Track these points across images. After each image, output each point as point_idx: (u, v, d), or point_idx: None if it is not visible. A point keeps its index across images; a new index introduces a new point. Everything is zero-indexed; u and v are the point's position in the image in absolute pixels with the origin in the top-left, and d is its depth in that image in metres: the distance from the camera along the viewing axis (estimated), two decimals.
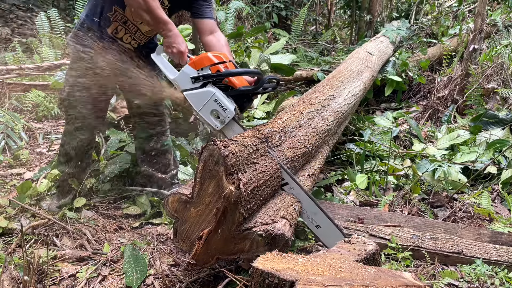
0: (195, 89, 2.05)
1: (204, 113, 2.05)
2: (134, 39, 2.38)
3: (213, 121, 2.05)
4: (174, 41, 2.13)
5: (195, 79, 2.05)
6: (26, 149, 3.70)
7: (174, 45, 2.13)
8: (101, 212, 2.69)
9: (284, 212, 1.83)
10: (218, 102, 2.02)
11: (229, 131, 2.08)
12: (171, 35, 2.12)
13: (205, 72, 2.04)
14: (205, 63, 2.05)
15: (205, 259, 1.78)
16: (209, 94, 2.02)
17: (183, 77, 2.08)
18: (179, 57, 2.16)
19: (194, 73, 2.05)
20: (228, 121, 2.04)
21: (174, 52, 2.15)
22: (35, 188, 2.81)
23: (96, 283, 1.98)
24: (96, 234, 2.43)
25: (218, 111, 2.02)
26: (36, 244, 2.29)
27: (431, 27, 6.30)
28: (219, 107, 2.02)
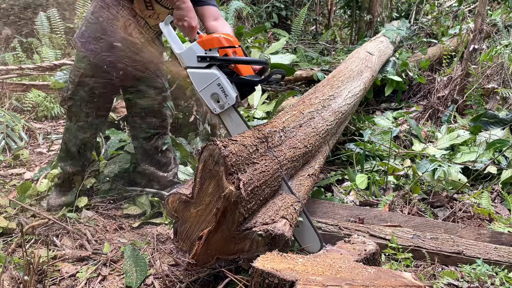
0: (199, 68, 2.00)
1: (205, 95, 2.01)
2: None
3: (212, 104, 2.02)
4: (186, 15, 2.05)
5: (202, 59, 1.99)
6: (26, 149, 3.70)
7: (186, 18, 2.05)
8: (101, 212, 2.70)
9: (284, 212, 1.83)
10: (221, 87, 1.98)
11: (226, 118, 2.06)
12: (184, 7, 2.04)
13: (212, 54, 1.98)
14: (214, 45, 1.99)
15: (205, 259, 1.78)
16: (213, 76, 1.98)
17: (189, 53, 2.02)
18: (189, 31, 2.08)
19: (201, 52, 1.99)
20: (228, 107, 2.01)
21: (185, 25, 2.07)
22: (35, 188, 2.81)
23: (96, 283, 1.98)
24: (96, 234, 2.43)
25: (219, 95, 1.99)
26: (36, 244, 2.29)
27: (431, 27, 6.30)
28: (221, 91, 1.98)
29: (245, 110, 4.13)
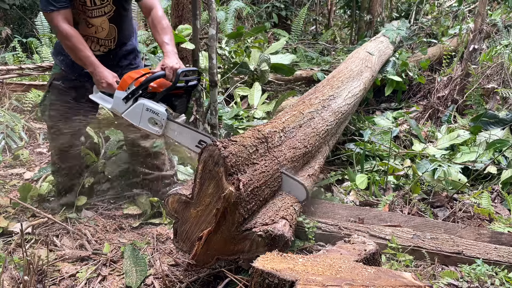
0: (129, 107, 2.20)
1: (144, 125, 2.18)
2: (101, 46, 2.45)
3: (153, 128, 2.18)
4: (101, 77, 2.26)
5: (126, 99, 2.20)
6: (26, 149, 3.70)
7: (102, 80, 2.26)
8: (101, 212, 2.70)
9: (284, 213, 1.83)
10: (150, 109, 2.15)
11: (170, 132, 2.18)
12: (96, 72, 2.26)
13: (131, 89, 2.19)
14: (128, 82, 2.19)
15: (205, 259, 1.79)
16: (140, 105, 2.17)
17: (117, 102, 2.23)
18: (109, 88, 2.28)
19: (123, 94, 2.20)
20: (165, 123, 2.15)
21: (104, 86, 2.28)
22: (36, 190, 2.81)
23: (96, 283, 1.98)
24: (96, 234, 2.43)
25: (154, 118, 2.16)
26: (36, 244, 2.29)
27: (431, 27, 6.30)
28: (153, 113, 2.15)
29: (245, 110, 4.13)
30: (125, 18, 2.46)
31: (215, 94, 3.10)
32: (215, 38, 3.13)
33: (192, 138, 2.15)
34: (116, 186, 2.90)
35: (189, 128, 2.18)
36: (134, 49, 2.60)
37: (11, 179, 3.18)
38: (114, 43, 2.48)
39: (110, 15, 2.36)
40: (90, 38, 2.40)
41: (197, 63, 3.35)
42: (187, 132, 2.16)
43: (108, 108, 2.30)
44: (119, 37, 2.47)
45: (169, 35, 2.38)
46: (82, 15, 2.31)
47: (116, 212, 2.71)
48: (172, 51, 2.30)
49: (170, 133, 2.18)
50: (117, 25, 2.42)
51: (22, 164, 3.46)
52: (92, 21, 2.34)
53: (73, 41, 2.22)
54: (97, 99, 2.35)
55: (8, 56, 5.50)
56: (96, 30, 2.38)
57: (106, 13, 2.35)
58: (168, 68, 2.21)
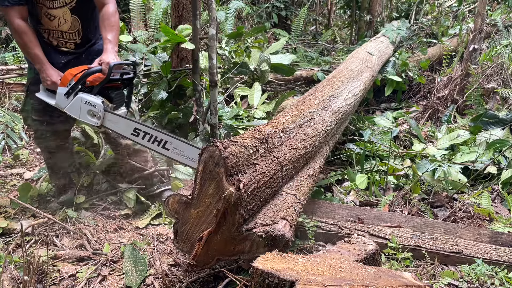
0: (70, 102, 2.32)
1: (84, 117, 2.30)
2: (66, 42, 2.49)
3: (92, 120, 2.29)
4: (46, 75, 2.35)
5: (68, 94, 2.31)
6: (26, 149, 3.71)
7: (47, 78, 2.35)
8: (101, 212, 2.70)
9: (284, 213, 1.83)
10: (88, 102, 2.28)
11: (107, 122, 2.29)
12: (43, 70, 2.35)
13: (71, 85, 2.30)
14: (69, 78, 2.30)
15: (205, 260, 1.79)
16: (79, 99, 2.29)
17: (59, 98, 2.34)
18: (54, 86, 2.36)
19: (64, 90, 2.32)
20: (103, 114, 2.26)
21: (48, 84, 2.37)
22: (35, 190, 2.81)
23: (96, 283, 1.98)
24: (96, 234, 2.43)
25: (92, 110, 2.28)
26: (36, 244, 2.29)
27: (431, 27, 6.30)
28: (90, 106, 2.27)
29: (245, 110, 4.13)
30: (88, 8, 2.46)
31: (215, 94, 3.10)
32: (215, 38, 3.13)
33: (127, 126, 2.27)
34: (112, 186, 2.91)
35: (124, 117, 2.29)
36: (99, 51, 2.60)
37: (11, 179, 3.18)
38: (79, 36, 2.49)
39: (71, 5, 2.38)
40: (54, 32, 2.43)
41: (197, 63, 3.35)
42: (122, 121, 2.28)
43: (52, 104, 2.39)
44: (83, 29, 2.48)
45: (114, 32, 2.43)
46: (43, 8, 2.34)
47: (116, 212, 2.71)
48: (111, 49, 2.37)
49: (108, 123, 2.30)
50: (80, 17, 2.43)
51: (22, 164, 3.46)
52: (53, 12, 2.36)
53: (24, 38, 2.30)
54: (42, 97, 2.44)
55: (8, 56, 5.50)
56: (58, 23, 2.40)
57: (67, 4, 2.37)
58: (104, 63, 2.29)
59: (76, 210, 2.63)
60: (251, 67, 4.40)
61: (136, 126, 2.25)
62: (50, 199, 2.78)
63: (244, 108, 4.25)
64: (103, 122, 2.30)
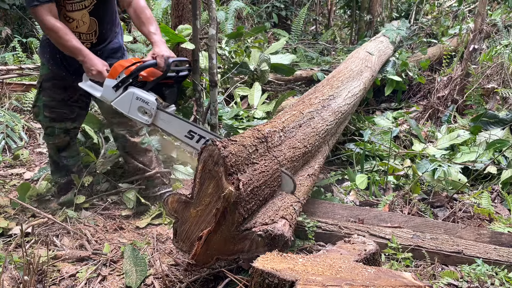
0: (119, 96, 2.21)
1: (133, 114, 2.20)
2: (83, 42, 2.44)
3: (142, 117, 2.20)
4: (91, 65, 2.27)
5: (116, 87, 2.21)
6: (26, 149, 3.70)
7: (92, 68, 2.27)
8: (101, 212, 2.70)
9: (283, 212, 1.83)
10: (140, 99, 2.17)
11: (159, 121, 2.20)
12: (86, 60, 2.27)
13: (121, 78, 2.19)
14: (119, 70, 2.20)
15: (205, 259, 1.78)
16: (130, 94, 2.19)
17: (106, 90, 2.24)
18: (99, 76, 2.28)
19: (113, 82, 2.21)
20: (155, 112, 2.17)
21: (94, 74, 2.28)
22: (35, 189, 2.81)
23: (96, 283, 1.98)
24: (96, 234, 2.43)
25: (144, 107, 2.18)
26: (36, 244, 2.29)
27: (431, 27, 6.30)
28: (142, 102, 2.17)
29: (245, 110, 4.13)
30: (106, 10, 2.45)
31: (215, 94, 3.10)
32: (215, 38, 3.13)
33: (181, 127, 2.17)
34: (112, 186, 2.91)
35: (179, 118, 2.20)
36: (120, 47, 2.60)
37: (11, 179, 3.18)
38: (95, 36, 2.47)
39: (90, 8, 2.37)
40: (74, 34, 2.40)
41: (197, 63, 3.35)
42: (176, 122, 2.19)
43: (98, 96, 2.30)
44: (100, 29, 2.46)
45: (155, 24, 2.39)
46: (62, 10, 2.32)
47: (116, 212, 2.71)
48: (160, 40, 2.31)
49: (159, 122, 2.21)
50: (97, 18, 2.41)
51: (22, 164, 3.46)
52: (72, 15, 2.34)
53: (60, 33, 2.24)
54: (86, 87, 2.36)
55: (8, 56, 5.50)
56: (77, 25, 2.38)
57: (86, 7, 2.36)
58: (159, 57, 2.22)
59: (76, 210, 2.63)
60: (251, 67, 4.40)
61: (192, 129, 2.16)
62: (49, 199, 2.78)
63: (244, 108, 4.25)
64: (154, 121, 2.20)
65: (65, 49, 2.29)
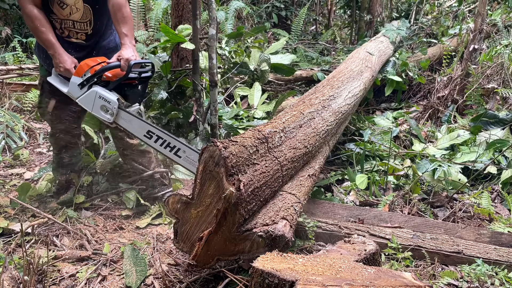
0: (83, 93, 2.30)
1: (96, 111, 2.29)
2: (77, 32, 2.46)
3: (105, 116, 2.28)
4: (60, 61, 2.32)
5: (82, 85, 2.30)
6: (26, 149, 3.70)
7: (61, 64, 2.32)
8: (101, 212, 2.70)
9: (284, 213, 1.83)
10: (102, 98, 2.26)
11: (120, 120, 2.28)
12: (56, 55, 2.32)
13: (86, 76, 2.28)
14: (85, 69, 2.29)
15: (205, 260, 1.78)
16: (93, 93, 2.28)
17: (72, 87, 2.33)
18: (67, 73, 2.34)
19: (79, 80, 2.31)
20: (116, 111, 2.26)
21: (61, 70, 2.34)
22: (35, 189, 2.81)
23: (96, 283, 1.98)
24: (96, 234, 2.43)
25: (106, 106, 2.26)
26: (36, 244, 2.29)
27: (431, 27, 6.30)
28: (105, 101, 2.26)
29: (245, 110, 4.13)
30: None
31: (215, 94, 3.10)
32: (215, 38, 3.13)
33: (140, 127, 2.25)
34: (112, 186, 2.91)
35: (139, 118, 2.27)
36: (116, 46, 2.60)
37: (11, 179, 3.18)
38: (90, 27, 2.46)
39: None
40: (65, 22, 2.41)
41: (197, 63, 3.35)
42: (136, 121, 2.26)
43: (64, 91, 2.37)
44: (95, 19, 2.45)
45: (129, 25, 2.40)
46: None
47: (116, 212, 2.71)
48: (129, 43, 2.34)
49: (121, 121, 2.28)
50: (92, 6, 2.41)
51: (22, 164, 3.46)
52: (65, 0, 2.34)
53: (36, 23, 2.27)
54: (54, 82, 2.42)
55: (8, 56, 5.50)
56: (70, 11, 2.37)
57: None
58: (123, 60, 2.27)
59: (76, 210, 2.63)
60: (251, 67, 4.40)
61: (150, 129, 2.23)
62: (49, 199, 2.78)
63: (244, 108, 4.25)
64: (116, 119, 2.28)
65: (39, 39, 2.34)
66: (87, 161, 3.01)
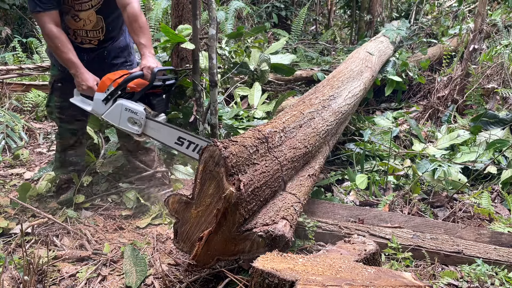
0: (108, 108, 2.25)
1: (123, 125, 2.24)
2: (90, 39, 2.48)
3: (133, 128, 2.23)
4: (82, 79, 2.31)
5: (106, 100, 2.26)
6: (26, 149, 3.70)
7: (83, 83, 2.31)
8: (101, 212, 2.70)
9: (284, 213, 1.83)
10: (129, 109, 2.21)
11: (149, 130, 2.23)
12: (78, 75, 2.31)
13: (110, 91, 2.24)
14: (107, 83, 2.25)
15: (205, 260, 1.78)
16: (119, 106, 2.23)
17: (96, 104, 2.29)
18: (89, 91, 2.32)
19: (103, 96, 2.26)
20: (144, 122, 2.21)
21: (84, 89, 2.33)
22: (35, 189, 2.81)
23: (96, 283, 1.98)
24: (96, 234, 2.43)
25: (133, 117, 2.22)
26: (36, 244, 2.29)
27: (431, 27, 6.30)
28: (131, 113, 2.21)
29: (245, 110, 4.13)
30: (113, 9, 2.46)
31: (215, 94, 3.10)
32: (215, 38, 3.13)
33: (170, 135, 2.19)
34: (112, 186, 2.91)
35: (168, 125, 2.22)
36: (127, 46, 2.61)
37: (11, 179, 3.18)
38: (102, 33, 2.48)
39: (97, 7, 2.39)
40: (78, 32, 2.42)
41: (197, 63, 3.35)
42: (165, 129, 2.21)
43: (89, 110, 2.34)
44: (106, 26, 2.47)
45: (146, 35, 2.38)
46: (71, 10, 2.34)
47: (116, 212, 2.71)
48: (149, 53, 2.32)
49: (150, 131, 2.24)
50: (104, 16, 2.43)
51: (22, 164, 3.46)
52: (79, 15, 2.36)
53: (56, 43, 2.26)
54: (77, 102, 2.40)
55: (8, 56, 5.50)
56: (84, 24, 2.40)
57: (94, 6, 2.38)
58: (145, 68, 2.25)
59: (76, 210, 2.63)
60: (251, 67, 4.39)
61: (181, 135, 2.17)
62: (49, 199, 2.78)
63: (244, 108, 4.25)
64: (144, 130, 2.23)
65: (60, 59, 2.33)
66: (87, 161, 3.01)
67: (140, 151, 2.75)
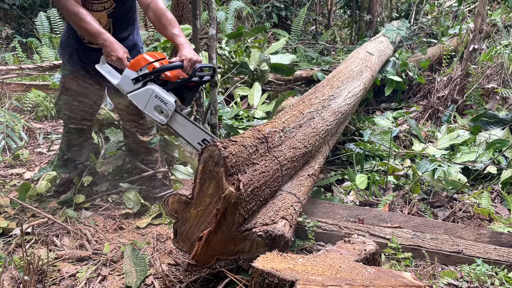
0: (137, 89, 2.15)
1: (149, 111, 2.14)
2: None
3: (158, 116, 2.14)
4: (111, 49, 2.19)
5: (136, 80, 2.14)
6: (26, 149, 3.70)
7: (112, 53, 2.19)
8: (101, 212, 2.70)
9: (284, 213, 1.83)
10: (159, 97, 2.11)
11: (174, 123, 2.15)
12: (107, 44, 2.19)
13: (143, 72, 2.13)
14: (142, 63, 2.13)
15: (205, 259, 1.79)
16: (149, 91, 2.12)
17: (125, 80, 2.17)
18: (118, 63, 2.22)
19: (134, 74, 2.14)
20: (171, 114, 2.12)
21: (113, 59, 2.21)
22: (35, 189, 2.81)
23: (96, 283, 1.98)
24: (96, 234, 2.43)
25: (161, 106, 2.12)
26: (36, 244, 2.29)
27: (431, 27, 6.30)
28: (160, 101, 2.11)
29: (245, 110, 4.13)
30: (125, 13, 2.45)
31: (215, 94, 3.10)
32: (215, 38, 3.13)
33: (196, 134, 2.13)
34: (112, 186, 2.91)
35: (195, 124, 2.15)
36: (135, 45, 2.60)
37: (11, 179, 3.18)
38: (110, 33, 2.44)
39: (109, 11, 2.37)
40: None
41: None
42: (192, 127, 2.14)
43: (114, 83, 2.23)
44: (114, 28, 2.45)
45: (178, 26, 2.33)
46: None
47: (116, 212, 2.71)
48: (186, 43, 2.25)
49: (175, 125, 2.15)
50: (114, 19, 2.42)
51: (22, 164, 3.46)
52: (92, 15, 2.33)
53: (80, 16, 2.18)
54: (103, 71, 2.28)
55: (8, 56, 5.50)
56: None
57: (106, 9, 2.36)
58: (186, 60, 2.16)
59: (76, 210, 2.63)
60: (251, 67, 4.40)
61: (206, 138, 2.11)
62: (49, 199, 2.78)
63: (244, 108, 4.25)
64: (169, 122, 2.14)
65: (86, 32, 2.23)
66: None
67: (144, 150, 2.74)
